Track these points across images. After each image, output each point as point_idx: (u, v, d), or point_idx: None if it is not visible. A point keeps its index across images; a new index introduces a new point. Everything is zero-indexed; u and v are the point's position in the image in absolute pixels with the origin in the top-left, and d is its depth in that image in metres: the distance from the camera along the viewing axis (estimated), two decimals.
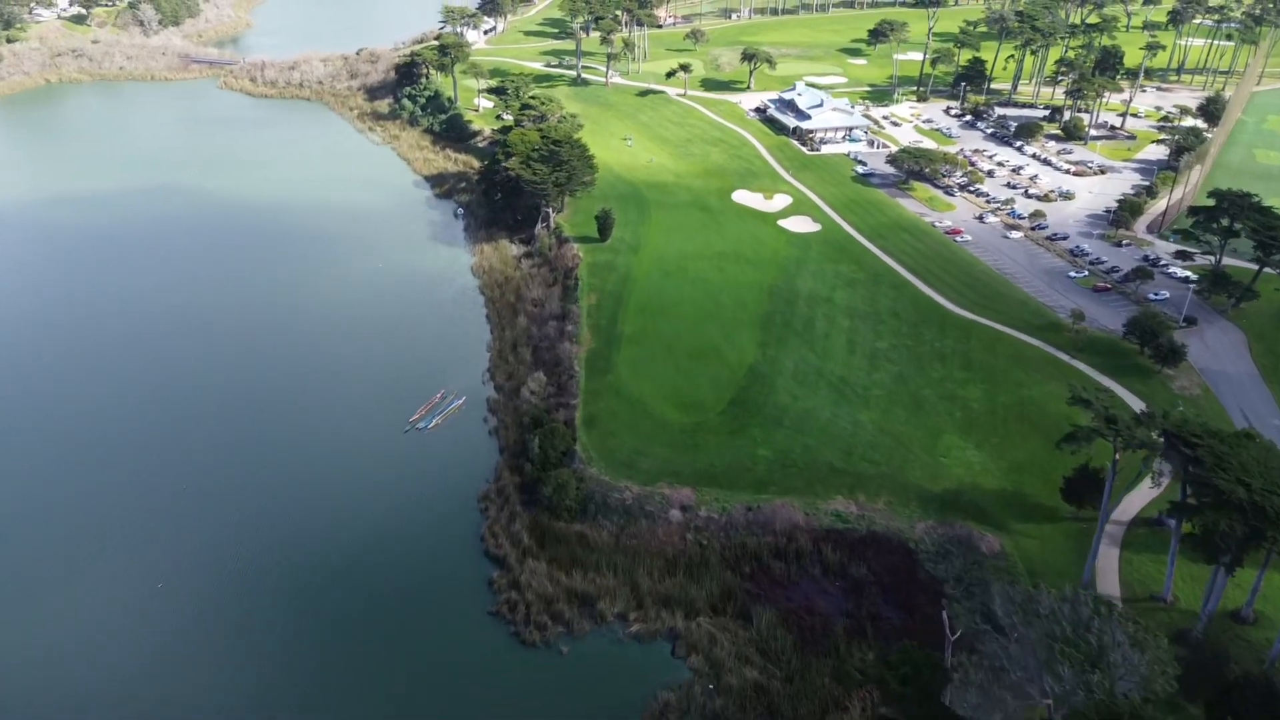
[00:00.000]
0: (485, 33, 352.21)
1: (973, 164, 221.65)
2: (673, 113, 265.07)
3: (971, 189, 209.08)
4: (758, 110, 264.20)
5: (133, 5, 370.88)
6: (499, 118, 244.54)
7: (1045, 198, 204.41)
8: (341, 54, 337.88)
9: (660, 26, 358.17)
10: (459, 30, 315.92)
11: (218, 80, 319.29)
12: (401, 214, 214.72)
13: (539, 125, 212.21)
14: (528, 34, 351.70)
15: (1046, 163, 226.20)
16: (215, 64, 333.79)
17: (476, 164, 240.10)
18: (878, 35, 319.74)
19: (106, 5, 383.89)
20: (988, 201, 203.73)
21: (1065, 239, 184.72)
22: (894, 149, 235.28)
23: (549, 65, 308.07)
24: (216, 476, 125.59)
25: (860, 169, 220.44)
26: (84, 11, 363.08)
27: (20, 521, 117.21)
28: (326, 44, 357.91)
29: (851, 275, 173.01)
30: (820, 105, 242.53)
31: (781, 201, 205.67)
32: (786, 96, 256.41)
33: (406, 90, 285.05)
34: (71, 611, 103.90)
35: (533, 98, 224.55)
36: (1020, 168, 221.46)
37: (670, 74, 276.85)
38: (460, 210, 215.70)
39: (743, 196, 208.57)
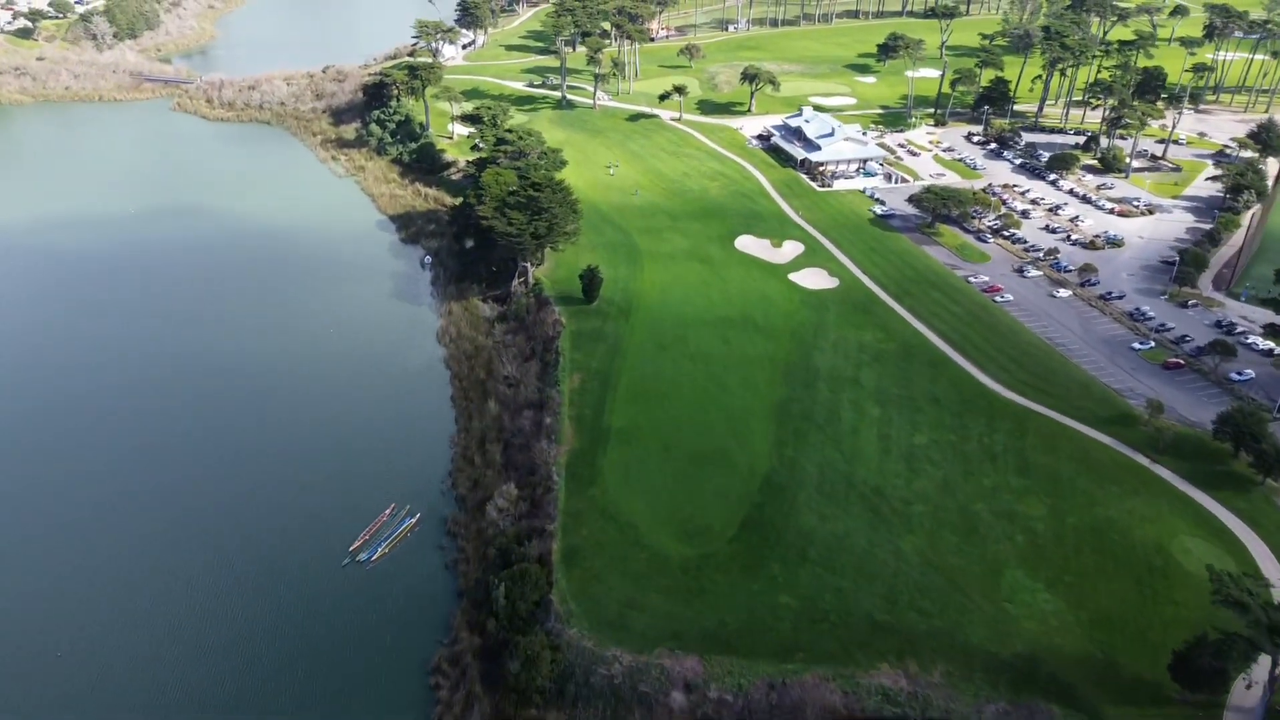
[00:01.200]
0: (464, 47, 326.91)
1: (1005, 204, 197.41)
2: (667, 140, 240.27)
3: (1006, 233, 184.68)
4: (761, 138, 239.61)
5: (84, 18, 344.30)
6: (475, 147, 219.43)
7: (1091, 244, 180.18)
8: (307, 71, 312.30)
9: (653, 40, 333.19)
10: (434, 46, 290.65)
11: (172, 101, 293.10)
12: (361, 263, 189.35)
13: (517, 162, 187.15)
14: (509, 49, 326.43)
15: (1086, 200, 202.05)
16: (170, 83, 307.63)
17: (449, 200, 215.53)
18: (888, 50, 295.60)
19: (56, 18, 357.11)
20: (1026, 250, 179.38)
21: (1121, 298, 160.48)
22: (914, 183, 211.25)
23: (531, 85, 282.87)
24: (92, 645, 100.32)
25: (879, 209, 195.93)
26: (30, 25, 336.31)
27: None
28: (295, 58, 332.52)
29: (878, 346, 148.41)
30: (831, 135, 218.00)
31: (792, 250, 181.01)
32: (793, 123, 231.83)
33: (375, 114, 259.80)
34: None
35: (509, 131, 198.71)
36: (1058, 207, 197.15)
37: (664, 97, 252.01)
38: (428, 259, 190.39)
39: (748, 244, 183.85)
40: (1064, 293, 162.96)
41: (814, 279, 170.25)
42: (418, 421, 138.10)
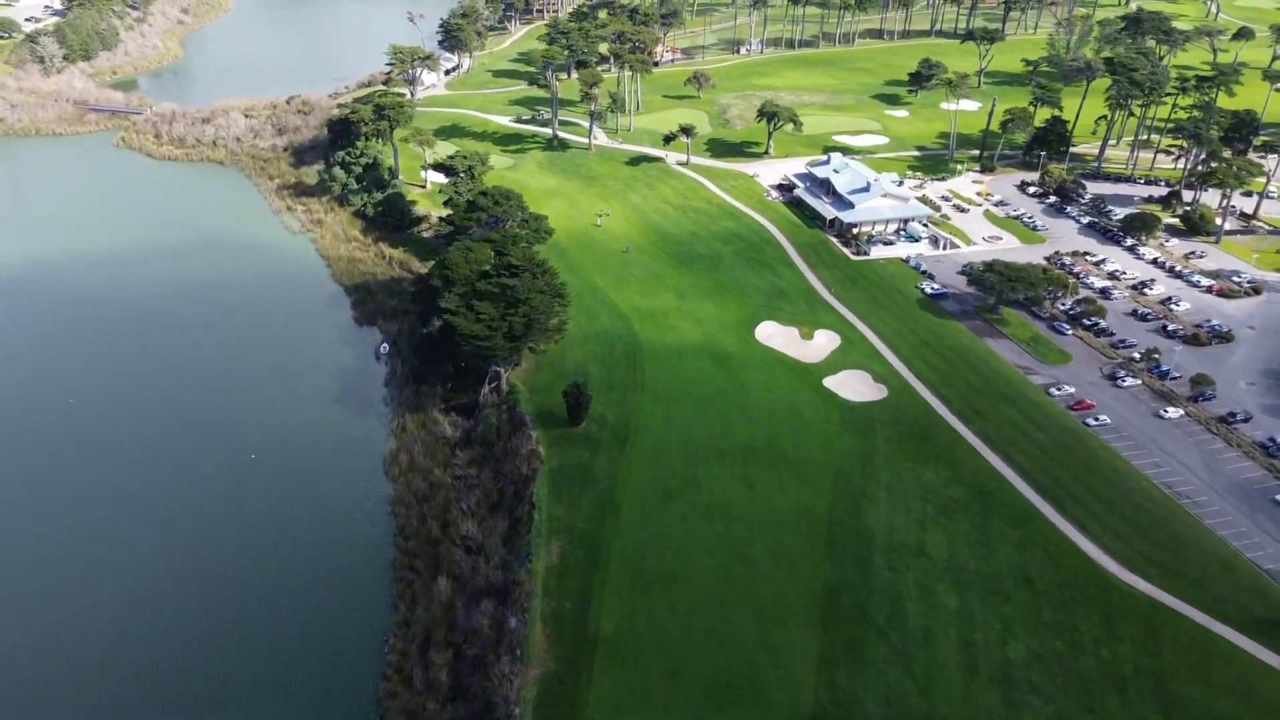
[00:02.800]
0: (447, 73, 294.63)
1: (1082, 281, 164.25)
2: (673, 191, 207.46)
3: (1088, 322, 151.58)
4: (781, 188, 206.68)
5: (31, 39, 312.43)
6: (447, 202, 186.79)
7: (1195, 339, 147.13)
8: (271, 100, 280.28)
9: (656, 64, 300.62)
10: (410, 74, 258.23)
11: (117, 135, 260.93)
12: (303, 353, 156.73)
13: (492, 234, 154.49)
14: (498, 74, 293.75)
15: (1175, 273, 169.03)
16: (118, 113, 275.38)
17: (416, 266, 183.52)
18: (921, 79, 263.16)
19: (1, 37, 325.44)
20: (1116, 346, 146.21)
21: (1248, 420, 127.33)
22: (965, 250, 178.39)
23: (519, 121, 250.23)
24: None
25: (929, 288, 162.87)
26: None
27: None
28: (265, 82, 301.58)
29: (946, 492, 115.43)
30: (865, 190, 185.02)
31: (826, 343, 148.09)
32: (819, 172, 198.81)
33: (340, 155, 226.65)
34: None
35: (483, 195, 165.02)
36: (1144, 284, 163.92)
37: (669, 139, 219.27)
38: (385, 347, 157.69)
39: (771, 333, 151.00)
40: (1173, 412, 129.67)
41: (856, 386, 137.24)
42: (346, 605, 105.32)
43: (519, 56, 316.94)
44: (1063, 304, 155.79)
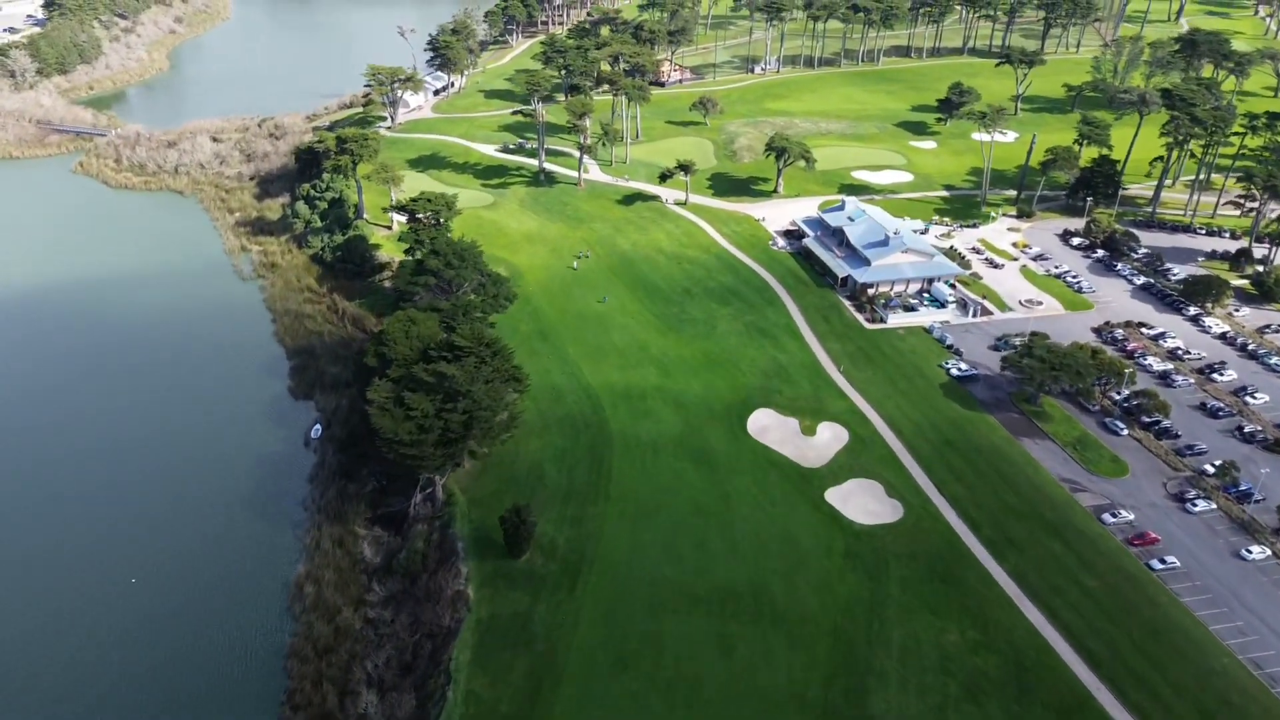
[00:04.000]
0: (436, 93, 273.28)
1: (1140, 364, 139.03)
2: (666, 236, 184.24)
3: (1147, 419, 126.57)
4: (789, 235, 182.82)
5: (2, 52, 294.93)
6: (408, 251, 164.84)
7: (1278, 444, 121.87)
8: (244, 121, 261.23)
9: (662, 85, 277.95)
10: (390, 97, 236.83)
11: (77, 159, 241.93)
12: (224, 436, 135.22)
13: (439, 303, 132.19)
14: (490, 95, 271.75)
15: (1249, 352, 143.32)
16: (82, 134, 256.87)
17: (371, 322, 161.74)
18: (951, 106, 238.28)
19: None
20: (1182, 453, 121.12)
21: None
22: (999, 317, 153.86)
23: (506, 149, 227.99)
24: None
25: (955, 368, 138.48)
26: None
27: None
28: (248, 97, 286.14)
29: (973, 661, 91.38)
30: (884, 245, 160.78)
31: (830, 440, 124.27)
32: (832, 220, 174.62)
33: (305, 188, 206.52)
34: None
35: (434, 254, 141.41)
36: (1213, 369, 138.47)
37: (665, 176, 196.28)
38: (317, 430, 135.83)
39: (766, 424, 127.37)
40: (1258, 551, 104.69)
41: (865, 502, 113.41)
42: None
43: (519, 73, 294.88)
44: (1116, 393, 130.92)
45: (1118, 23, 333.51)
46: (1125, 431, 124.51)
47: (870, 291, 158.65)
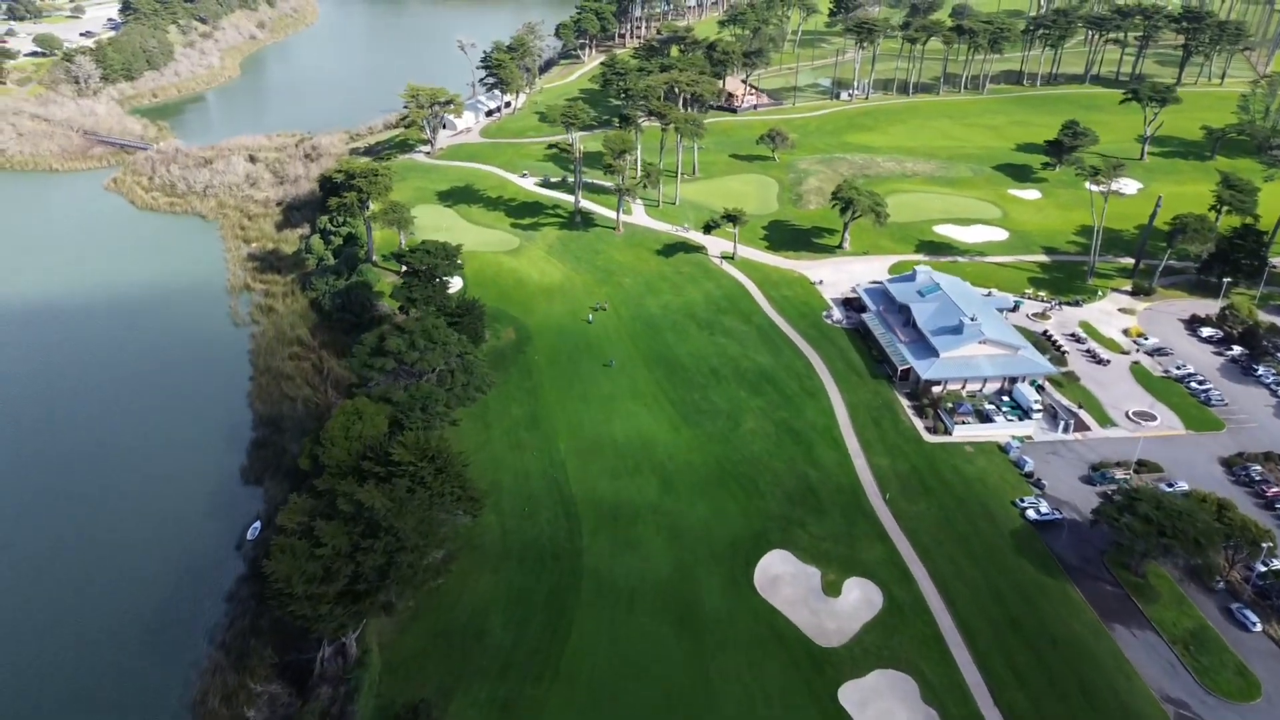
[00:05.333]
0: (489, 113, 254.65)
1: None
2: (704, 298, 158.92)
3: None
4: (848, 306, 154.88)
5: (67, 58, 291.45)
6: (405, 305, 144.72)
7: None
8: (284, 139, 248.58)
9: (735, 111, 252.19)
10: (429, 122, 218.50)
11: (113, 175, 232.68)
12: (151, 516, 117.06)
13: (396, 391, 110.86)
14: (545, 118, 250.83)
15: None
16: (127, 147, 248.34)
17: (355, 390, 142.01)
18: (1063, 150, 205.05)
19: (42, 55, 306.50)
20: None
21: None
22: (1095, 435, 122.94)
23: (546, 183, 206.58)
24: None
25: (1035, 510, 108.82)
26: None
27: None
28: (307, 109, 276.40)
29: None
30: (957, 332, 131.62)
31: (857, 605, 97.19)
32: (898, 293, 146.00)
33: (323, 221, 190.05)
34: None
35: (399, 331, 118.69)
36: None
37: (710, 228, 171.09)
38: (255, 530, 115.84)
39: (779, 574, 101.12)
40: None
41: (889, 708, 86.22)
42: None
43: (582, 94, 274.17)
44: (1250, 569, 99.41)
45: (1273, 51, 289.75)
46: (1259, 626, 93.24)
47: (935, 390, 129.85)
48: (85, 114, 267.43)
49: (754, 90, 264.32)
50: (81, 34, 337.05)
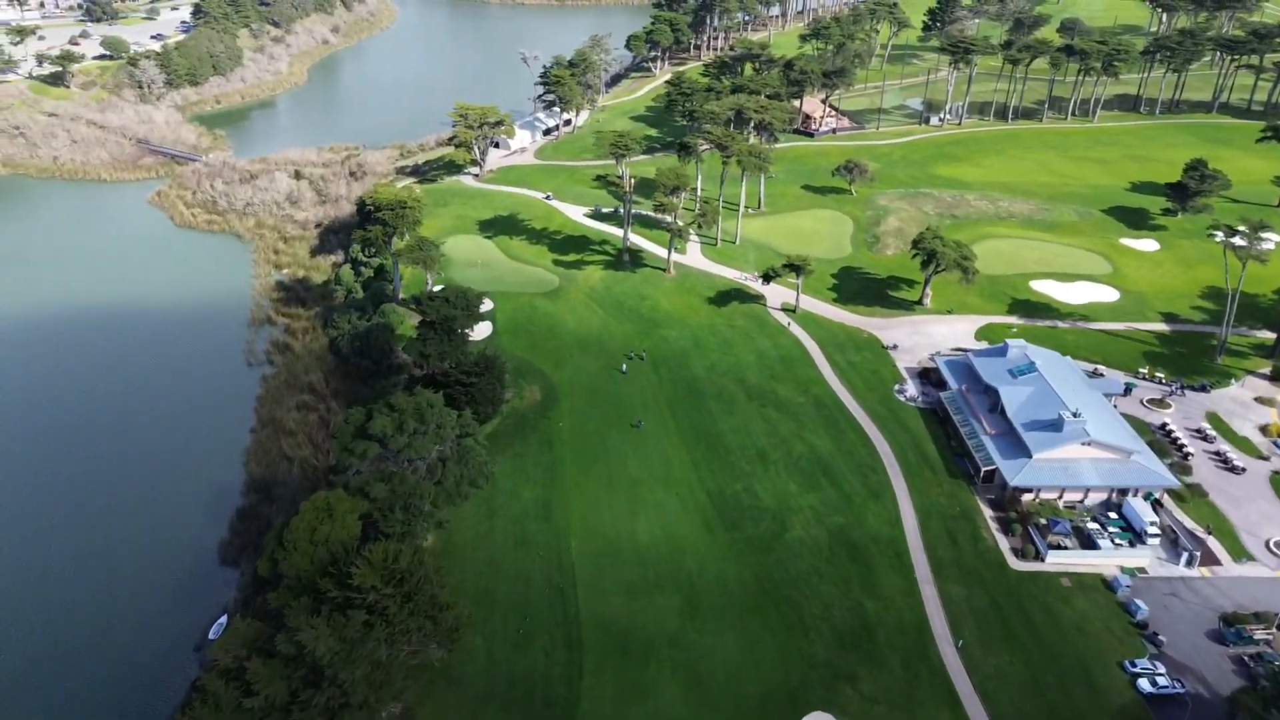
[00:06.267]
0: (547, 132, 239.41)
1: None
2: (757, 359, 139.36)
3: None
4: (925, 378, 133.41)
5: (131, 62, 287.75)
6: (419, 361, 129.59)
7: None
8: (332, 153, 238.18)
9: (812, 135, 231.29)
10: (478, 143, 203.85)
11: (160, 187, 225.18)
12: (108, 599, 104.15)
13: (375, 483, 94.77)
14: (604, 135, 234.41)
15: None
16: (178, 157, 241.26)
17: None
18: (1187, 195, 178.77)
19: (109, 58, 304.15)
20: None
21: None
22: (1227, 569, 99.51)
23: (597, 213, 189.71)
24: None
25: (1151, 679, 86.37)
26: (60, 69, 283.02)
27: None
28: (371, 120, 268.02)
29: None
30: (1056, 428, 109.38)
31: None
32: (985, 370, 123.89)
33: (355, 249, 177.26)
34: None
35: (389, 408, 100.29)
36: None
37: (769, 277, 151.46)
38: (218, 629, 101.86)
39: None
40: None
41: None
42: None
43: (650, 110, 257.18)
44: None
45: None
46: None
47: (1025, 499, 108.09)
48: (142, 121, 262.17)
49: (834, 112, 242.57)
50: (152, 36, 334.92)
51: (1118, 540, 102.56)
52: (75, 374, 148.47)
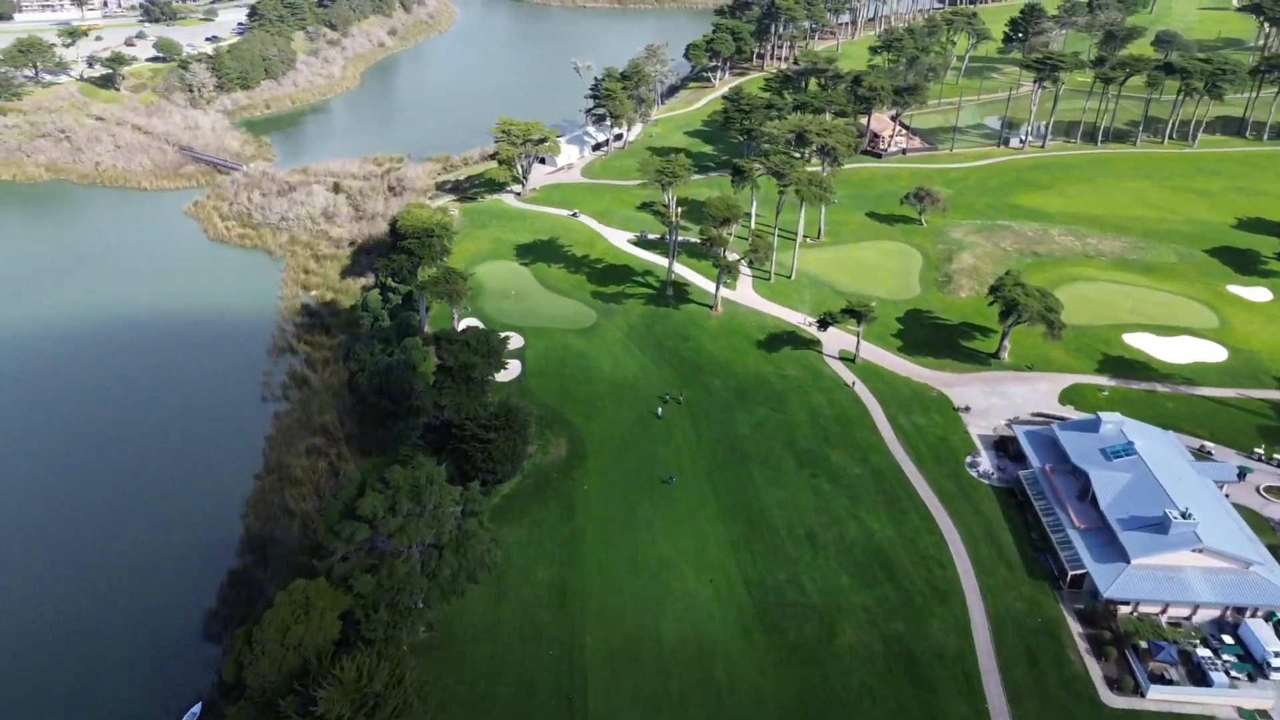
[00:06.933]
0: (596, 147, 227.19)
1: None
2: (809, 417, 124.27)
3: None
4: (1000, 452, 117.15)
5: (183, 65, 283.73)
6: (435, 408, 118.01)
7: None
8: (373, 166, 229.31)
9: (879, 156, 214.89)
10: (521, 160, 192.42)
11: (198, 197, 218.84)
12: (67, 681, 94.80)
13: (363, 578, 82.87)
14: (659, 152, 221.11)
15: None
16: (220, 166, 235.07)
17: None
18: None
19: (160, 60, 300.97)
20: None
21: None
22: None
23: (643, 239, 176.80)
24: None
25: None
26: (110, 72, 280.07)
27: None
28: (419, 128, 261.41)
29: None
30: (1160, 527, 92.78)
31: None
32: (1073, 447, 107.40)
33: (384, 275, 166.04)
34: None
35: (382, 484, 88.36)
36: None
37: (825, 324, 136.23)
38: (194, 715, 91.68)
39: None
40: None
41: None
42: None
43: (707, 123, 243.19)
44: None
45: None
46: None
47: (1121, 613, 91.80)
48: (188, 126, 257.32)
49: (904, 131, 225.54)
50: (207, 38, 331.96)
51: (1234, 673, 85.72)
52: (77, 398, 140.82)
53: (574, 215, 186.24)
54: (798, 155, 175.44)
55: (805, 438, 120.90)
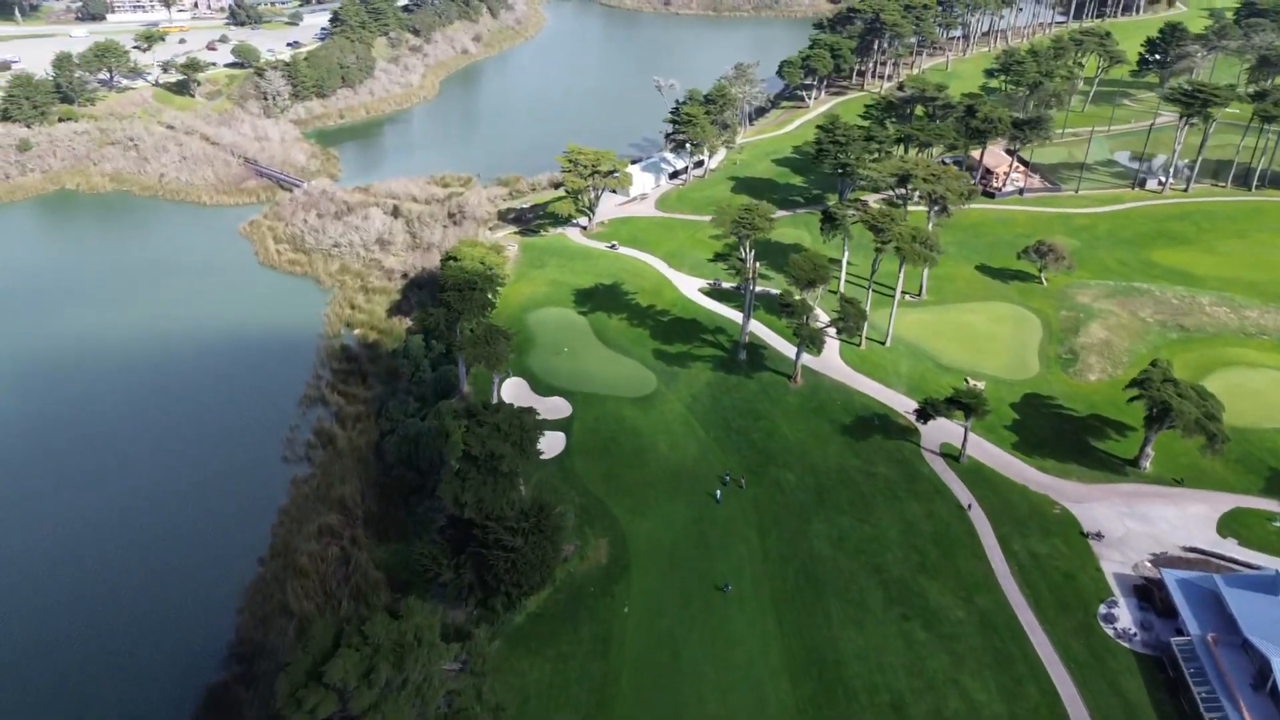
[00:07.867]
0: (674, 175, 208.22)
1: None
2: (900, 534, 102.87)
3: None
4: (1143, 601, 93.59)
5: (258, 72, 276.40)
6: (455, 505, 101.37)
7: None
8: (448, 182, 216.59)
9: (993, 196, 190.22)
10: (586, 195, 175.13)
11: (257, 215, 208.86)
12: None
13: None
14: (742, 185, 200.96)
15: None
16: (283, 182, 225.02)
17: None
18: None
19: (238, 66, 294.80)
20: None
21: None
22: None
23: (715, 288, 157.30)
24: None
25: None
26: (184, 78, 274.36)
27: None
28: (493, 146, 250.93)
29: None
30: None
31: None
32: (1239, 608, 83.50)
33: (432, 318, 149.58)
34: None
35: (359, 641, 71.89)
36: None
37: (925, 415, 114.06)
38: None
39: None
40: None
41: None
42: None
43: (797, 151, 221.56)
44: None
45: None
46: None
47: None
48: (257, 136, 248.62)
49: (1022, 167, 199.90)
50: (289, 43, 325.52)
51: None
52: (78, 446, 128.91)
53: (612, 247, 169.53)
54: (898, 201, 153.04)
55: (896, 562, 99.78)
